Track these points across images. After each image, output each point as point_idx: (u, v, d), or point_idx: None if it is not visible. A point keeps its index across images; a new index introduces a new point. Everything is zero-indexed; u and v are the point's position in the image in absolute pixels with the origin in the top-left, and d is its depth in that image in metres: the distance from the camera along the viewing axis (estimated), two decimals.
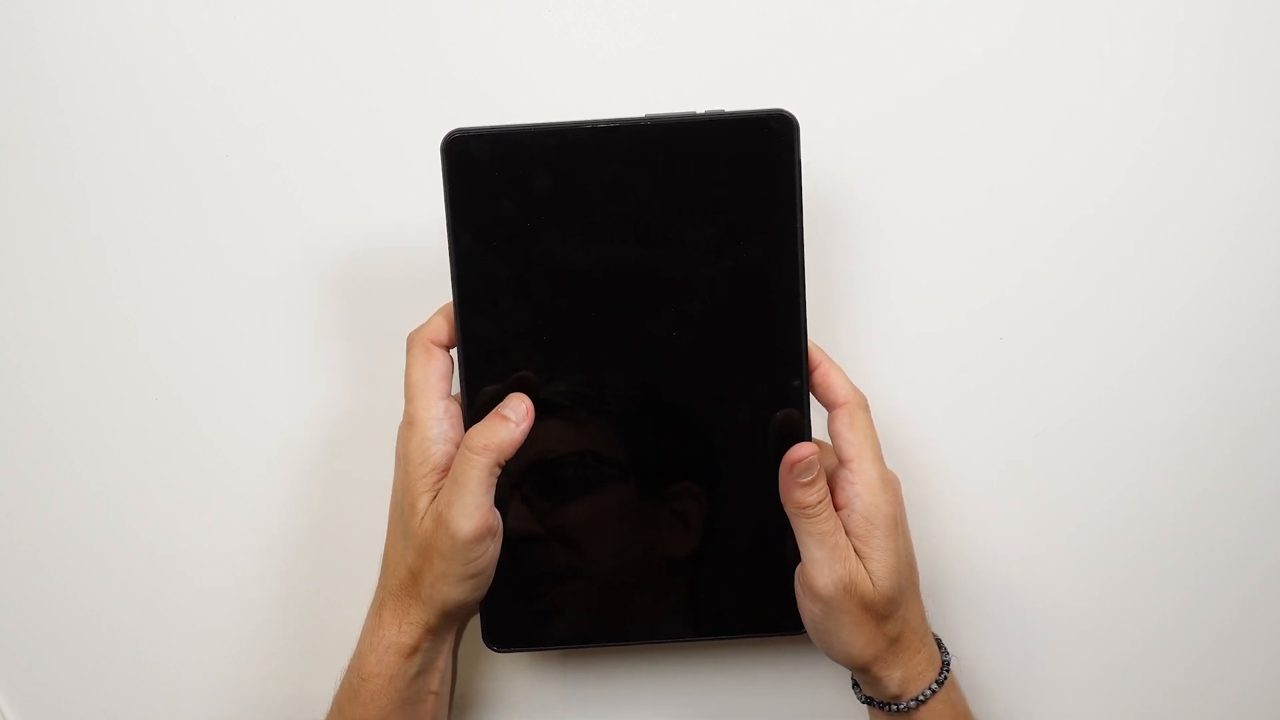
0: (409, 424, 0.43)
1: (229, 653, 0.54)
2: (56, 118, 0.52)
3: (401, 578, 0.44)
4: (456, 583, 0.43)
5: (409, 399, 0.43)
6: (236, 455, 0.53)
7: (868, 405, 0.44)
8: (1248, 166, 0.51)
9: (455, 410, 0.44)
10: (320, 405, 0.53)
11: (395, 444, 0.44)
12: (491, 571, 0.44)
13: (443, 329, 0.44)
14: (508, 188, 0.41)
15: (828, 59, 0.50)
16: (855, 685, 0.47)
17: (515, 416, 0.43)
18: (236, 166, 0.52)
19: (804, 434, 0.43)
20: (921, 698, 0.44)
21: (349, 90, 0.51)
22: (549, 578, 0.45)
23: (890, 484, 0.43)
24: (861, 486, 0.42)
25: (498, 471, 0.42)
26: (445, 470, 0.43)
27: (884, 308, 0.51)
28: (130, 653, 0.54)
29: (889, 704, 0.45)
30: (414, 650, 0.44)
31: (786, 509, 0.43)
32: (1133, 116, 0.50)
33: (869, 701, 0.46)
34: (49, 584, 0.54)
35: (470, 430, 0.42)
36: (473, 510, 0.41)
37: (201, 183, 0.52)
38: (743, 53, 0.50)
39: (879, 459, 0.43)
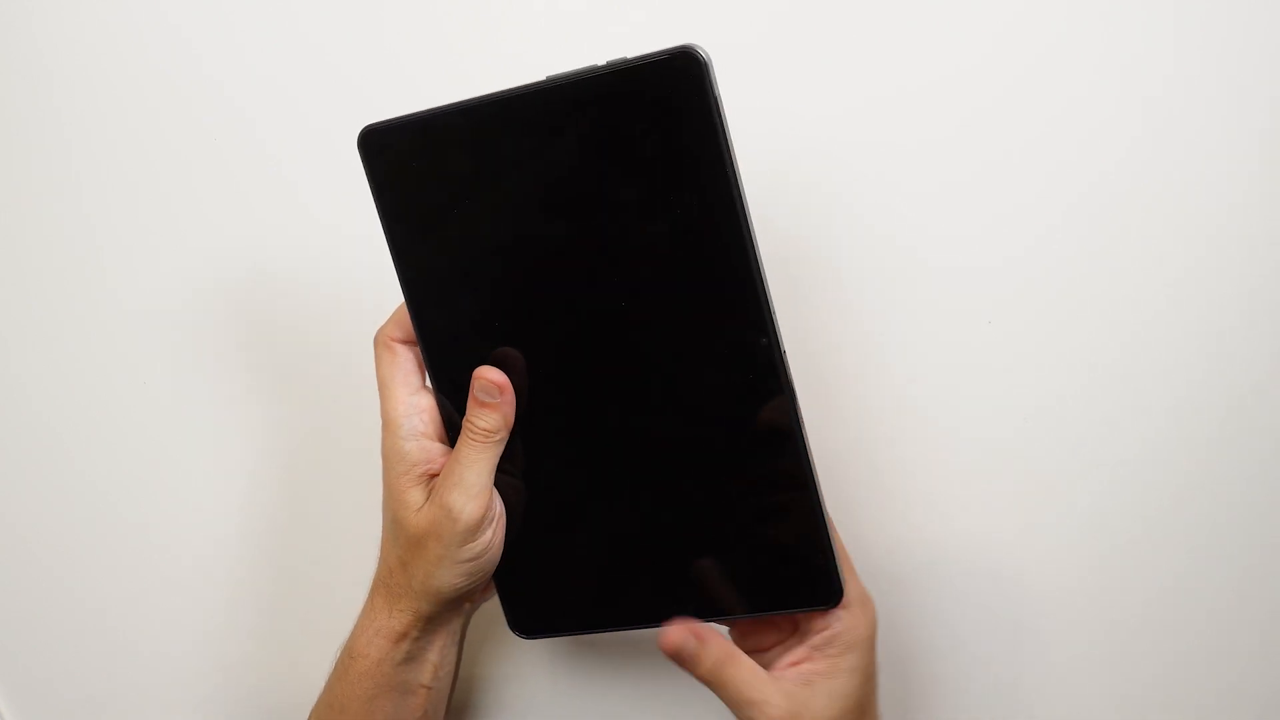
0: (383, 424, 0.44)
1: (219, 632, 0.54)
2: (50, 111, 0.52)
3: (391, 565, 0.44)
4: (454, 566, 0.43)
5: (381, 399, 0.44)
6: (225, 437, 0.53)
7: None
8: (1237, 152, 0.51)
9: (426, 403, 0.44)
10: (309, 386, 0.53)
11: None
12: (493, 557, 0.44)
13: (401, 324, 0.44)
14: (429, 174, 0.40)
15: (815, 45, 0.51)
16: None
17: (488, 396, 0.42)
18: (224, 149, 0.52)
19: (789, 427, 0.42)
20: None
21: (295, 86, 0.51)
22: (564, 561, 0.45)
23: (868, 605, 0.43)
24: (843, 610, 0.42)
25: (496, 454, 0.42)
26: (422, 464, 0.43)
27: (871, 291, 0.52)
28: (118, 631, 0.55)
29: None
30: (403, 636, 0.44)
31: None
32: (1126, 101, 0.51)
33: None
34: (37, 570, 0.54)
35: (467, 415, 0.43)
36: (475, 493, 0.42)
37: (192, 168, 0.52)
38: (732, 40, 0.51)
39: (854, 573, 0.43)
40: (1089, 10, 0.50)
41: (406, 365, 0.44)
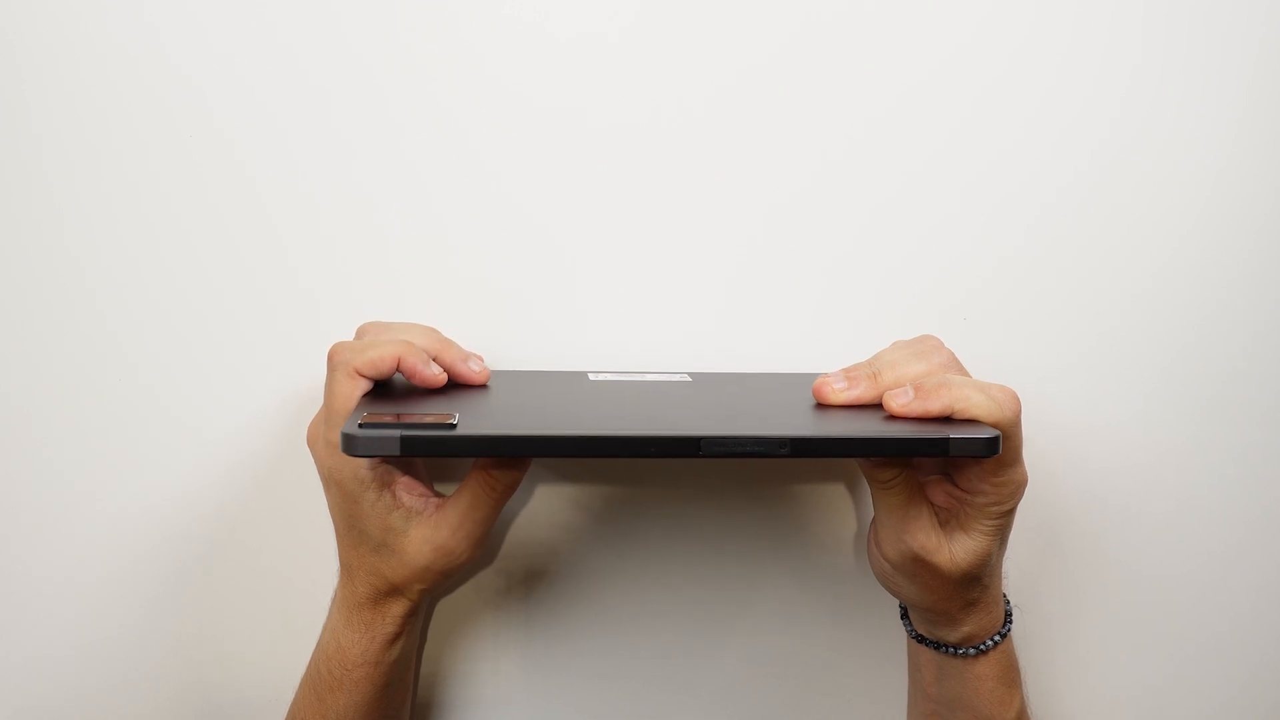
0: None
1: (190, 630, 0.54)
2: (21, 111, 0.51)
3: (389, 579, 0.46)
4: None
5: (331, 426, 0.44)
6: (200, 434, 0.53)
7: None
8: (1204, 156, 0.52)
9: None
10: (283, 382, 0.53)
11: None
12: None
13: (374, 365, 0.44)
14: None
15: (801, 54, 0.51)
16: (905, 618, 0.47)
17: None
18: (195, 146, 0.52)
19: None
20: (983, 647, 0.44)
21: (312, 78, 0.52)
22: None
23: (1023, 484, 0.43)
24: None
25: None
26: (375, 474, 0.45)
27: (854, 289, 0.52)
28: (84, 627, 0.54)
29: (950, 648, 0.45)
30: (397, 636, 0.47)
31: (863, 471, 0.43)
32: (1098, 104, 0.52)
33: (920, 640, 0.46)
34: (11, 563, 0.54)
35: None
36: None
37: (162, 166, 0.52)
38: (721, 46, 0.51)
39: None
40: (1061, 12, 0.51)
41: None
